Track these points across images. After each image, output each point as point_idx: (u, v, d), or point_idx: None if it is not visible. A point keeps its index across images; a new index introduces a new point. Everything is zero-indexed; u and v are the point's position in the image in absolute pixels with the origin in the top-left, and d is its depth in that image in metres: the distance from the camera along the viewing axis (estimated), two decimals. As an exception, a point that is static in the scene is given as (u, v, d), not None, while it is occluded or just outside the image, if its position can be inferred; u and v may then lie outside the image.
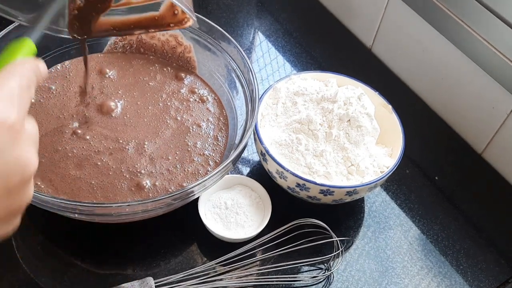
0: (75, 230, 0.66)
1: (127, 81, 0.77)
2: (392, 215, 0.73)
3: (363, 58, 0.96)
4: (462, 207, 0.75)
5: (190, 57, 0.78)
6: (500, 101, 0.76)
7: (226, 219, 0.66)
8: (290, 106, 0.73)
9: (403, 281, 0.66)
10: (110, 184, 0.65)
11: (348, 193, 0.65)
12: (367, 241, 0.70)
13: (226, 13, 0.99)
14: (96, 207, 0.56)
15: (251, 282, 0.63)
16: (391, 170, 0.66)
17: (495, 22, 0.71)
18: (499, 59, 0.72)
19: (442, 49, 0.81)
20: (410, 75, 0.91)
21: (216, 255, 0.64)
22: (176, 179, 0.67)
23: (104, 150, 0.68)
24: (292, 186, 0.66)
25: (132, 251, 0.65)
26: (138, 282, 0.60)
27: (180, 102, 0.75)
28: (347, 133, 0.69)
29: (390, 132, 0.72)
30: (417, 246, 0.70)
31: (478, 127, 0.81)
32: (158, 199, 0.57)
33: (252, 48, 0.94)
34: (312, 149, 0.68)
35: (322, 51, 0.95)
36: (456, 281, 0.67)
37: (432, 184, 0.78)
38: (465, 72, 0.79)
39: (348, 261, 0.67)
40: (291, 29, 0.98)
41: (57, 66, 0.76)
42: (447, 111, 0.86)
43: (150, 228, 0.66)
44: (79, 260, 0.64)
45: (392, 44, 0.91)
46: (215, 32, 0.75)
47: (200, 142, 0.71)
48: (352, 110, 0.69)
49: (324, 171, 0.66)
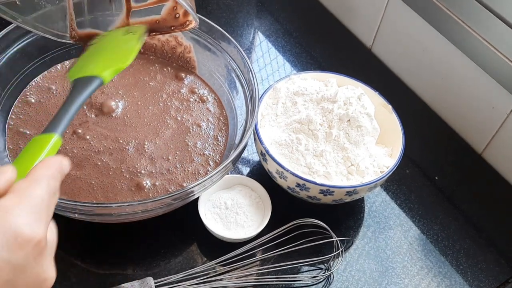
0: (75, 230, 0.66)
1: (127, 81, 0.77)
2: (392, 215, 0.73)
3: (363, 58, 0.96)
4: (462, 207, 0.76)
5: (190, 57, 0.78)
6: (500, 101, 0.76)
7: (226, 219, 0.66)
8: (290, 106, 0.73)
9: (403, 281, 0.66)
10: (110, 184, 0.65)
11: (348, 193, 0.65)
12: (367, 241, 0.70)
13: (226, 13, 0.99)
14: (96, 207, 0.56)
15: (251, 282, 0.63)
16: (391, 170, 0.66)
17: (495, 22, 0.71)
18: (499, 59, 0.72)
19: (442, 49, 0.81)
20: (410, 75, 0.91)
21: (216, 255, 0.64)
22: (176, 179, 0.67)
23: (104, 150, 0.68)
24: (292, 186, 0.66)
25: (132, 251, 0.65)
26: (138, 282, 0.60)
27: (180, 102, 0.75)
28: (347, 133, 0.69)
29: (390, 132, 0.72)
30: (417, 246, 0.70)
31: (478, 127, 0.81)
32: (158, 199, 0.57)
33: (252, 48, 0.94)
34: (312, 149, 0.68)
35: (322, 51, 0.95)
36: (456, 281, 0.67)
37: (432, 184, 0.78)
38: (465, 72, 0.79)
39: (348, 261, 0.67)
40: (291, 29, 0.98)
41: (57, 66, 0.76)
42: (447, 111, 0.86)
43: (150, 228, 0.66)
44: (79, 260, 0.64)
45: (392, 44, 0.91)
46: (215, 32, 0.75)
47: (200, 142, 0.71)
48: (352, 110, 0.69)
49: (324, 171, 0.66)
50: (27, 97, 0.72)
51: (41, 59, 0.74)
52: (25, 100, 0.72)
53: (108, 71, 0.55)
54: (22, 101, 0.72)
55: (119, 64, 0.57)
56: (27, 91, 0.73)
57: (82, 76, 0.54)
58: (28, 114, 0.71)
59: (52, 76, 0.75)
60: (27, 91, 0.73)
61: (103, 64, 0.57)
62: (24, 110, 0.71)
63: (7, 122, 0.69)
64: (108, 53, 0.61)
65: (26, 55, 0.72)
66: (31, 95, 0.73)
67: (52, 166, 0.37)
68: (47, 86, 0.74)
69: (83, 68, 0.57)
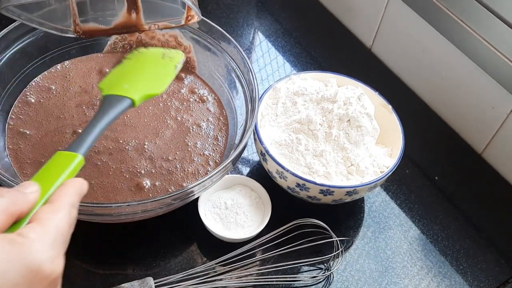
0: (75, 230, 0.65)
1: (127, 81, 0.77)
2: (392, 215, 0.73)
3: (363, 58, 0.96)
4: (462, 207, 0.75)
5: (190, 57, 0.78)
6: (500, 101, 0.76)
7: (226, 219, 0.66)
8: (290, 106, 0.73)
9: (403, 281, 0.66)
10: (110, 184, 0.65)
11: (348, 193, 0.65)
12: (367, 241, 0.70)
13: (226, 13, 0.99)
14: (96, 207, 0.56)
15: (251, 282, 0.63)
16: (391, 170, 0.66)
17: (495, 22, 0.71)
18: (499, 59, 0.72)
19: (442, 49, 0.81)
20: (410, 75, 0.91)
21: (216, 255, 0.64)
22: (176, 179, 0.67)
23: (104, 150, 0.68)
24: (292, 186, 0.66)
25: (132, 251, 0.65)
26: (138, 282, 0.60)
27: (180, 102, 0.75)
28: (347, 133, 0.69)
29: (390, 132, 0.72)
30: (417, 246, 0.70)
31: (478, 127, 0.81)
32: (158, 199, 0.57)
33: (252, 48, 0.94)
34: (312, 149, 0.68)
35: (322, 51, 0.95)
36: (456, 281, 0.67)
37: (432, 184, 0.78)
38: (465, 72, 0.79)
39: (348, 261, 0.67)
40: (291, 29, 0.98)
41: (57, 66, 0.76)
42: (447, 111, 0.86)
43: (150, 228, 0.66)
44: (79, 260, 0.64)
45: (392, 44, 0.91)
46: (215, 32, 0.75)
47: (200, 142, 0.71)
48: (352, 110, 0.69)
49: (324, 171, 0.66)
50: (27, 97, 0.72)
51: (41, 59, 0.74)
52: (25, 100, 0.72)
53: (141, 95, 0.55)
54: (22, 101, 0.72)
55: (154, 91, 0.57)
56: (27, 91, 0.73)
57: (114, 94, 0.54)
58: (28, 114, 0.71)
59: (52, 76, 0.75)
60: (27, 91, 0.73)
61: (137, 87, 0.56)
62: (24, 110, 0.71)
63: (7, 122, 0.69)
64: (144, 76, 0.60)
65: (26, 55, 0.72)
66: (31, 95, 0.73)
67: (75, 194, 0.38)
68: (47, 86, 0.74)
69: (116, 85, 0.56)
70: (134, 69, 0.61)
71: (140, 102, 0.55)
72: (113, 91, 0.54)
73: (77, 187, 0.38)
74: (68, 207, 0.36)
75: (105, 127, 0.50)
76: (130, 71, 0.61)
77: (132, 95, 0.54)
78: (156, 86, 0.58)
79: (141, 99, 0.55)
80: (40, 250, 0.33)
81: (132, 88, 0.55)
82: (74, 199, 0.37)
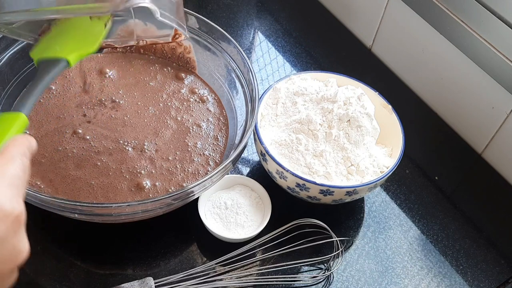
0: (75, 230, 0.66)
1: (127, 81, 0.77)
2: (392, 215, 0.73)
3: (363, 58, 0.96)
4: (462, 207, 0.76)
5: (190, 57, 0.78)
6: (500, 101, 0.76)
7: (226, 219, 0.66)
8: (290, 106, 0.73)
9: (403, 281, 0.66)
10: (110, 185, 0.65)
11: (348, 193, 0.65)
12: (367, 241, 0.70)
13: (226, 13, 0.99)
14: (96, 207, 0.56)
15: (251, 282, 0.63)
16: (391, 170, 0.66)
17: (495, 22, 0.71)
18: (499, 59, 0.72)
19: (442, 49, 0.81)
20: (410, 75, 0.91)
21: (216, 255, 0.64)
22: (176, 179, 0.67)
23: (104, 150, 0.68)
24: (292, 186, 0.66)
25: (132, 251, 0.65)
26: (138, 282, 0.60)
27: (180, 102, 0.75)
28: (347, 133, 0.69)
29: (390, 132, 0.72)
30: (417, 246, 0.70)
31: (478, 127, 0.81)
32: (158, 199, 0.57)
33: (252, 48, 0.94)
34: (312, 149, 0.68)
35: (322, 51, 0.95)
36: (456, 281, 0.67)
37: (432, 184, 0.78)
38: (465, 72, 0.79)
39: (348, 261, 0.67)
40: (291, 29, 0.98)
41: (57, 66, 0.76)
42: (447, 111, 0.86)
43: (150, 228, 0.66)
44: (79, 260, 0.64)
45: (392, 44, 0.91)
46: (215, 32, 0.75)
47: (200, 142, 0.71)
48: (352, 110, 0.69)
49: (324, 171, 0.66)
50: (27, 97, 0.72)
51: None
52: (25, 100, 0.72)
53: (75, 54, 0.55)
54: (22, 101, 0.72)
55: (86, 49, 0.57)
56: (27, 91, 0.73)
57: (47, 57, 0.54)
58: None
59: (52, 76, 0.75)
60: (27, 91, 0.73)
61: (69, 47, 0.57)
62: (24, 110, 0.71)
63: (7, 122, 0.69)
64: (74, 36, 0.60)
65: (26, 55, 0.72)
66: (31, 95, 0.73)
67: (23, 145, 0.39)
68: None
69: (48, 49, 0.56)
70: (63, 33, 0.61)
71: (75, 61, 0.55)
72: (45, 54, 0.55)
73: (25, 140, 0.40)
74: (19, 155, 0.38)
75: (44, 88, 0.51)
76: (59, 34, 0.61)
77: (66, 55, 0.54)
78: (87, 45, 0.58)
79: (76, 58, 0.56)
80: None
81: (64, 50, 0.56)
82: (23, 149, 0.39)
